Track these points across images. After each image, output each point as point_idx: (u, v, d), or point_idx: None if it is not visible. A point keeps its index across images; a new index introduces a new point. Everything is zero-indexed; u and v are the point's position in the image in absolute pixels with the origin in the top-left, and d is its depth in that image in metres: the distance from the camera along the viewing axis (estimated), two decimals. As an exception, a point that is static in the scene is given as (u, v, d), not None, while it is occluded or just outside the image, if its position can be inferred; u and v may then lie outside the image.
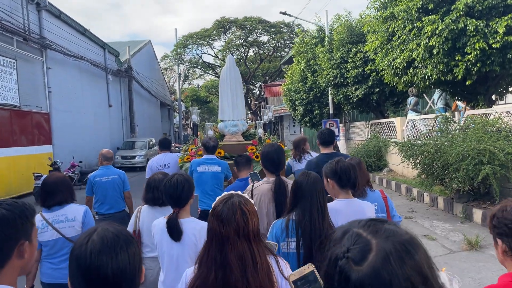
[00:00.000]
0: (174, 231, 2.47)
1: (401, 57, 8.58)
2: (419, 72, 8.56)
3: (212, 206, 1.79)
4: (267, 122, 7.70)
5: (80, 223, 3.07)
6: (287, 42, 39.49)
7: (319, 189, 2.40)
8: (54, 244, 3.00)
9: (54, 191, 3.03)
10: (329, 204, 2.52)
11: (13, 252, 1.29)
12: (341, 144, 18.23)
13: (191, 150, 6.34)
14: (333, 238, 0.89)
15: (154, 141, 26.10)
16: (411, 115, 12.24)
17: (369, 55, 12.85)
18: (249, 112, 43.67)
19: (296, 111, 17.76)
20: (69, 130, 18.09)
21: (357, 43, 13.50)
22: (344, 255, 0.82)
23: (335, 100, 15.12)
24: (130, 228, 3.23)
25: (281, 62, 35.75)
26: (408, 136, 11.65)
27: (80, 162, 15.62)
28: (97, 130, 21.94)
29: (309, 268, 1.25)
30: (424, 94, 13.38)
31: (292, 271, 1.46)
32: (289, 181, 3.15)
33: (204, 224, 2.38)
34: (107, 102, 23.76)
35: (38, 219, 2.91)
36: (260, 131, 6.93)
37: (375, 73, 12.93)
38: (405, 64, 8.61)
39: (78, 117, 19.46)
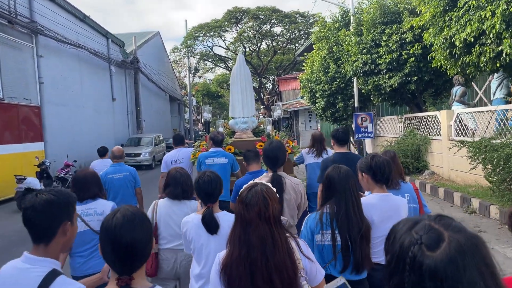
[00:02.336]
0: (212, 225, 2.60)
1: (467, 30, 6.59)
2: (488, 50, 6.58)
3: (239, 193, 1.97)
4: (276, 119, 7.90)
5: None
6: (302, 33, 37.42)
7: (351, 182, 2.45)
8: (81, 236, 2.97)
9: (87, 185, 3.19)
10: (364, 199, 2.63)
11: (58, 230, 1.65)
12: (369, 145, 16.25)
13: (203, 146, 6.43)
14: (401, 228, 0.96)
15: (161, 137, 24.41)
16: (458, 108, 10.25)
17: (407, 38, 10.89)
18: (261, 106, 41.80)
19: (317, 104, 15.80)
20: (65, 126, 16.45)
21: (392, 23, 11.50)
22: (418, 241, 0.89)
23: (363, 91, 13.13)
24: None
25: (296, 53, 33.74)
26: (458, 133, 9.67)
27: (75, 161, 13.94)
28: (99, 125, 20.31)
29: (341, 280, 1.31)
30: (472, 83, 11.35)
31: (327, 262, 1.99)
32: (288, 177, 3.33)
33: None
34: (110, 96, 22.13)
35: None
36: (269, 128, 7.14)
37: (413, 58, 10.94)
38: (472, 40, 6.61)
39: (76, 111, 17.82)
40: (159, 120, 33.01)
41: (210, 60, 41.62)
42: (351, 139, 16.78)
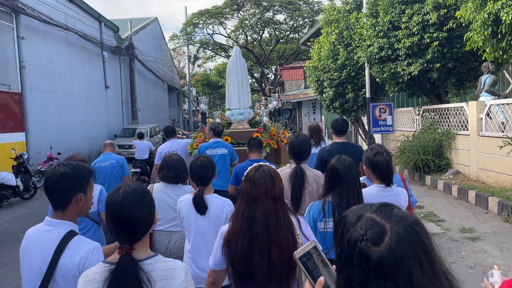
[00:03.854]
0: (200, 206, 2.81)
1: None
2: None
3: (245, 174, 2.08)
4: (272, 111, 8.02)
5: (96, 200, 3.51)
6: (306, 20, 35.99)
7: (354, 174, 2.56)
8: None
9: None
10: (365, 189, 2.76)
11: (72, 200, 1.89)
12: (380, 139, 15.01)
13: (200, 137, 6.51)
14: (347, 222, 1.00)
15: (158, 128, 23.19)
16: (487, 99, 9.02)
17: (431, 19, 9.61)
18: (263, 97, 40.49)
19: (324, 94, 14.51)
20: (51, 115, 15.21)
21: (413, 3, 10.20)
22: (363, 237, 0.93)
23: (377, 79, 11.86)
24: None
25: (299, 42, 32.32)
26: (488, 128, 8.44)
27: (59, 154, 12.73)
28: (91, 115, 19.07)
29: (311, 244, 1.34)
30: (504, 71, 10.09)
31: (329, 248, 2.11)
32: (311, 169, 3.46)
33: (226, 199, 2.94)
34: (103, 83, 20.85)
35: None
36: (265, 119, 7.20)
37: (437, 42, 9.67)
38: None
39: (64, 99, 16.57)
40: (156, 110, 31.75)
41: (210, 48, 40.24)
42: (360, 132, 15.55)
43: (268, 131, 6.52)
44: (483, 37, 6.57)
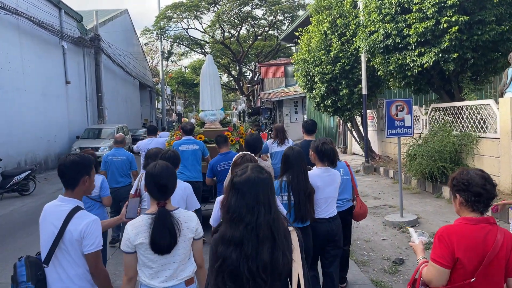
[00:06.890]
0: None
1: None
2: None
3: (234, 159, 3.20)
4: (241, 112, 11.09)
5: (99, 187, 4.38)
6: (287, 15, 34.34)
7: (302, 159, 3.42)
8: None
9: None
10: (311, 171, 3.61)
11: (79, 181, 2.47)
12: (375, 141, 13.41)
13: (177, 135, 7.09)
14: (238, 167, 2.07)
15: (126, 129, 20.99)
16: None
17: (449, -1, 8.02)
18: (241, 96, 38.64)
19: (315, 91, 12.80)
20: (-4, 113, 12.94)
21: (427, -19, 8.59)
22: (237, 173, 1.87)
23: (380, 72, 10.22)
24: (134, 188, 4.39)
25: (280, 37, 30.60)
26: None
27: (-1, 160, 10.55)
28: (48, 113, 16.77)
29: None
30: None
31: (284, 215, 2.31)
32: (260, 161, 4.35)
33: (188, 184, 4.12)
34: (63, 78, 18.53)
35: None
36: (235, 119, 8.38)
37: (456, 27, 8.11)
38: None
39: (14, 95, 14.27)
40: (126, 109, 29.38)
41: (185, 43, 38.01)
42: (354, 134, 13.94)
43: (237, 130, 7.20)
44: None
